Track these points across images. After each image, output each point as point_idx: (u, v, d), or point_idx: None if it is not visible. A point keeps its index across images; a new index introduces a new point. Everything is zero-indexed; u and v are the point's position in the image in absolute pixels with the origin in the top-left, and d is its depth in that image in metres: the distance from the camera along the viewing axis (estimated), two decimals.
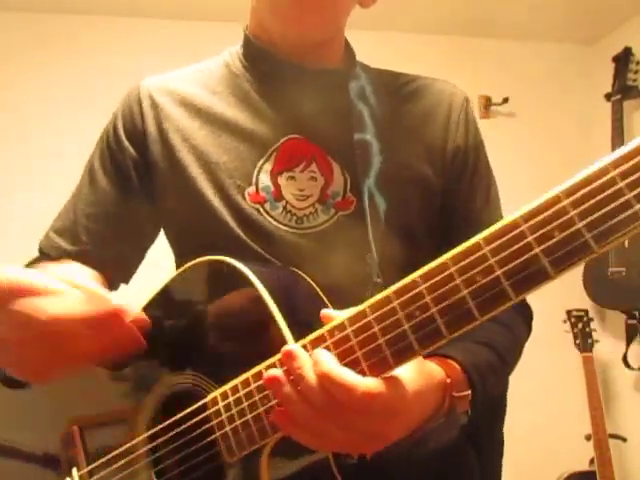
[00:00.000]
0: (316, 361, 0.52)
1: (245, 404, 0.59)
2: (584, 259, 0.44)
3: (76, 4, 2.52)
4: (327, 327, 0.55)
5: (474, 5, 2.60)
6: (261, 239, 0.73)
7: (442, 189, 0.80)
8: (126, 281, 0.85)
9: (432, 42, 2.74)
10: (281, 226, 0.74)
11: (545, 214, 0.46)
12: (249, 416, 0.58)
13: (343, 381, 0.50)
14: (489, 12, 2.66)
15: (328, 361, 0.51)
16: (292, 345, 0.54)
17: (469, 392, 0.63)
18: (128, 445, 0.68)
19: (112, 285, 0.83)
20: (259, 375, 0.58)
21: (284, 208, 0.75)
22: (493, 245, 0.47)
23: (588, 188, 0.44)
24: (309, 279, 0.69)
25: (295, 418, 0.53)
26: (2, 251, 2.07)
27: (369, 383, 0.51)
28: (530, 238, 0.45)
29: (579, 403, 2.32)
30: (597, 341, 2.38)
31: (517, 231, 0.46)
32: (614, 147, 2.51)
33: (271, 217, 0.74)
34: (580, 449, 2.33)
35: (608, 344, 2.57)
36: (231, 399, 0.60)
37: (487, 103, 2.78)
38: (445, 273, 0.49)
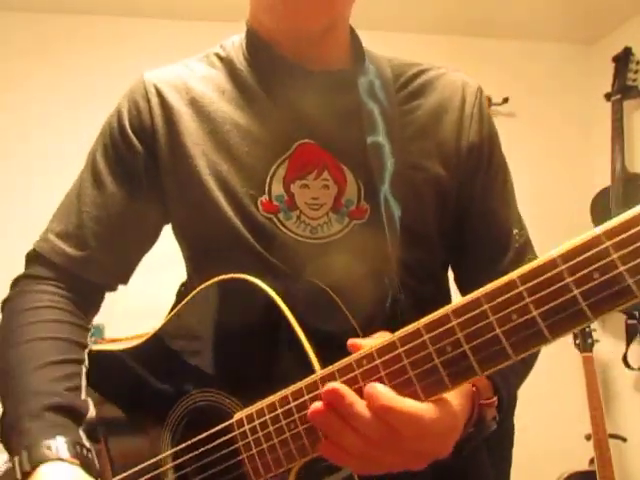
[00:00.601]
0: (372, 395, 0.51)
1: (271, 428, 0.59)
2: (625, 304, 0.43)
3: (76, 4, 2.52)
4: (355, 356, 0.54)
5: (474, 5, 2.60)
6: (276, 250, 0.71)
7: (456, 189, 0.77)
8: (125, 282, 0.83)
9: (432, 42, 2.74)
10: (295, 236, 0.72)
11: (585, 255, 0.44)
12: (276, 440, 0.59)
13: (407, 410, 0.50)
14: (489, 12, 2.65)
15: (386, 393, 0.51)
16: (336, 384, 0.53)
17: (495, 399, 0.63)
18: (151, 461, 0.69)
19: (111, 288, 0.82)
20: (285, 399, 0.58)
21: (298, 218, 0.72)
22: (529, 284, 0.46)
23: (633, 230, 0.42)
24: (332, 294, 0.67)
25: (348, 450, 0.53)
26: (2, 251, 2.07)
27: (430, 409, 0.51)
28: (569, 280, 0.44)
29: (579, 403, 2.32)
30: (597, 341, 2.38)
31: (555, 271, 0.45)
32: (614, 147, 2.51)
33: (285, 227, 0.72)
34: (580, 449, 2.33)
35: (608, 344, 2.57)
36: (257, 422, 0.60)
37: (487, 103, 2.77)
38: (478, 310, 0.48)
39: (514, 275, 0.47)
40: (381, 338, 0.54)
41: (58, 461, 0.60)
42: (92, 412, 0.68)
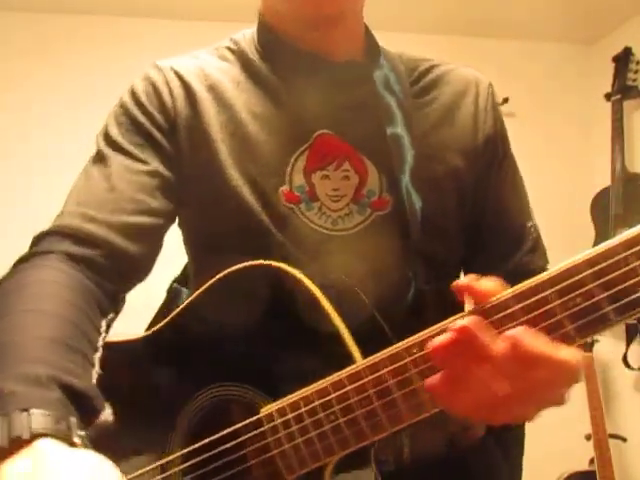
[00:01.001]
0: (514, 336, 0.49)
1: (308, 421, 0.57)
2: None
3: (76, 4, 2.52)
4: (403, 344, 0.54)
5: (474, 5, 2.60)
6: (297, 241, 0.69)
7: (474, 182, 0.77)
8: (149, 271, 0.73)
9: (432, 42, 2.73)
10: (316, 227, 0.70)
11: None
12: (313, 433, 0.57)
13: (546, 351, 0.49)
14: (489, 12, 2.66)
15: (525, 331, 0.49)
16: (472, 318, 0.50)
17: None
18: (161, 461, 0.64)
19: (145, 271, 0.72)
20: (324, 391, 0.56)
21: (319, 209, 0.71)
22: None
23: None
24: (359, 290, 0.64)
25: (469, 388, 0.50)
26: (2, 251, 2.07)
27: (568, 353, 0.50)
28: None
29: (579, 403, 2.32)
30: (597, 341, 2.38)
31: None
32: (614, 147, 2.51)
33: (306, 218, 0.70)
34: (580, 449, 2.33)
35: (608, 344, 2.57)
36: (290, 416, 0.58)
37: None
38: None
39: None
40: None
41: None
42: (107, 415, 0.55)
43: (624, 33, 2.72)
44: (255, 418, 0.60)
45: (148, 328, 0.75)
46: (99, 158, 0.72)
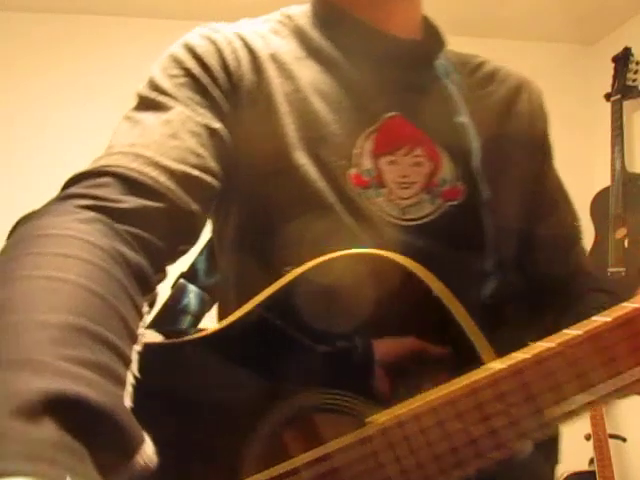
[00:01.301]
0: None
1: (434, 435, 0.46)
2: None
3: (76, 5, 2.52)
4: (556, 340, 0.45)
5: (474, 5, 2.60)
6: (366, 228, 0.63)
7: (533, 180, 0.75)
8: (189, 250, 0.62)
9: None
10: (385, 216, 0.64)
11: None
12: (446, 446, 0.46)
13: None
14: (489, 12, 2.66)
15: None
16: None
17: None
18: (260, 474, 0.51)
19: (181, 253, 0.59)
20: (467, 394, 0.46)
21: (387, 196, 0.64)
22: None
23: None
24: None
25: None
26: None
27: None
28: None
29: None
30: None
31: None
32: (614, 147, 2.51)
33: (375, 205, 0.64)
34: (580, 449, 2.33)
35: None
36: (413, 427, 0.47)
37: None
38: None
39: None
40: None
41: None
42: (147, 451, 0.35)
43: (624, 33, 2.72)
44: (363, 431, 0.48)
45: (152, 325, 0.68)
46: (151, 105, 0.60)
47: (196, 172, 0.57)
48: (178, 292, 0.77)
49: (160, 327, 0.63)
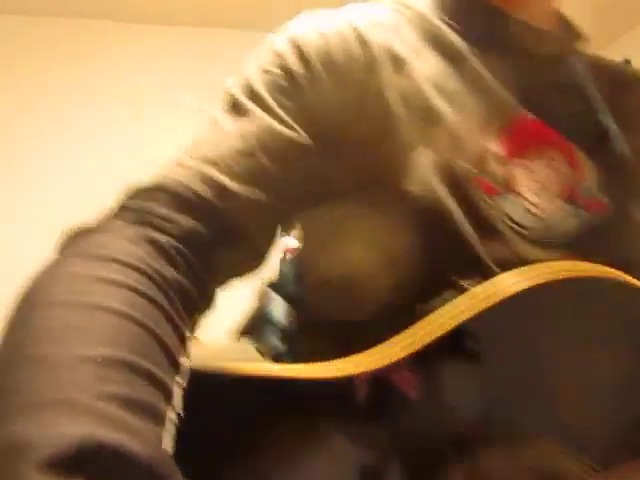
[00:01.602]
0: None
1: None
2: None
3: (76, 7, 2.54)
4: None
5: None
6: (490, 243, 0.53)
7: None
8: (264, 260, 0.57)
9: None
10: (519, 229, 0.55)
11: None
12: None
13: None
14: None
15: None
16: None
17: None
18: None
19: (259, 260, 0.55)
20: None
21: (521, 205, 0.55)
22: None
23: None
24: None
25: None
26: (2, 252, 2.07)
27: None
28: None
29: None
30: None
31: None
32: None
33: (505, 215, 0.54)
34: None
35: None
36: None
37: None
38: None
39: None
40: None
41: None
42: None
43: (622, 46, 2.73)
44: None
45: (241, 334, 0.64)
46: (235, 106, 0.56)
47: (262, 196, 0.52)
48: (263, 300, 0.72)
49: (250, 337, 0.59)
